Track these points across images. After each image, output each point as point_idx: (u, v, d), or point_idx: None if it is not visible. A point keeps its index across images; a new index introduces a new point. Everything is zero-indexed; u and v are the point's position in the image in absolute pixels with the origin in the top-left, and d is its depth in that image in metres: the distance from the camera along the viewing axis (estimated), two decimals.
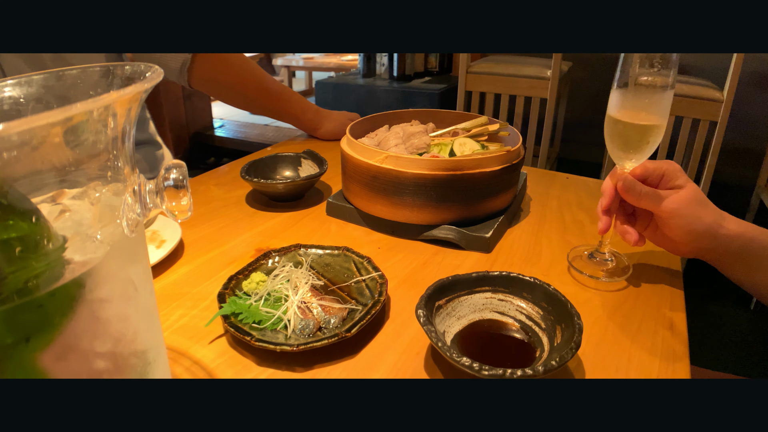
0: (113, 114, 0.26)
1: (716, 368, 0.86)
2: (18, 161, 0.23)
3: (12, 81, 0.32)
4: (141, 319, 0.33)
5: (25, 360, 0.26)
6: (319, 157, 0.86)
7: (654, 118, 0.54)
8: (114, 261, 0.29)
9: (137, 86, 0.26)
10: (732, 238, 0.55)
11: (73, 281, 0.27)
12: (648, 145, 0.56)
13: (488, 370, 0.40)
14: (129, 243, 0.30)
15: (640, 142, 0.56)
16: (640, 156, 0.57)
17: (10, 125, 0.20)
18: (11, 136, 0.21)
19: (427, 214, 0.67)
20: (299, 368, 0.47)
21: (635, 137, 0.56)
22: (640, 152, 0.56)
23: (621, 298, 0.57)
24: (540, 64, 2.05)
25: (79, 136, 0.26)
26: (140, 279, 0.32)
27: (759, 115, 2.46)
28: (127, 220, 0.29)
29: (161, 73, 0.29)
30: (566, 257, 0.65)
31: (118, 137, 0.28)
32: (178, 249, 0.66)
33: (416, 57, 2.73)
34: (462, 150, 0.76)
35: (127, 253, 0.31)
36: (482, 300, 0.52)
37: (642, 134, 0.55)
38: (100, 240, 0.28)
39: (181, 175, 0.29)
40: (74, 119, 0.24)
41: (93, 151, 0.27)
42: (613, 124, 0.56)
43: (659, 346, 0.50)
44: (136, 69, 0.31)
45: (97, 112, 0.25)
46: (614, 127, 0.56)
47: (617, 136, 0.57)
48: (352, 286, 0.56)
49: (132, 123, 0.29)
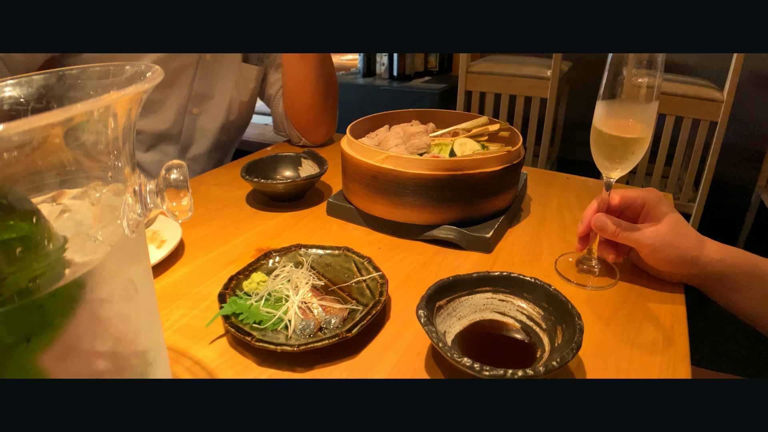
0: (114, 114, 0.26)
1: (716, 368, 0.86)
2: (18, 162, 0.23)
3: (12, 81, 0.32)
4: (141, 320, 0.33)
5: (25, 360, 0.26)
6: (319, 157, 0.86)
7: (638, 130, 0.55)
8: (114, 261, 0.29)
9: (137, 86, 0.26)
10: (713, 264, 0.55)
11: (73, 281, 0.27)
12: (633, 155, 0.56)
13: (489, 370, 0.40)
14: (129, 243, 0.30)
15: (625, 153, 0.56)
16: (625, 166, 0.57)
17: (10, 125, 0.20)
18: (11, 137, 0.21)
19: (428, 214, 0.67)
20: (300, 368, 0.46)
21: (620, 148, 0.56)
22: (625, 162, 0.57)
23: (621, 299, 0.57)
24: (540, 64, 2.05)
25: (79, 136, 0.25)
26: (141, 279, 0.32)
27: (759, 115, 2.46)
28: (128, 221, 0.29)
29: (161, 74, 0.29)
30: (553, 264, 0.64)
31: (118, 137, 0.28)
32: (178, 249, 0.66)
33: (416, 57, 2.73)
34: (462, 150, 0.76)
35: (127, 254, 0.31)
36: (483, 300, 0.52)
37: (627, 145, 0.56)
38: (100, 240, 0.28)
39: (181, 176, 0.29)
40: (75, 119, 0.24)
41: (93, 151, 0.27)
42: (598, 135, 0.57)
43: (659, 346, 0.50)
44: (137, 69, 0.31)
45: (97, 112, 0.25)
46: (599, 138, 0.57)
47: (602, 147, 0.57)
48: (352, 287, 0.56)
49: (133, 123, 0.29)
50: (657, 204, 0.57)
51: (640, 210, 0.59)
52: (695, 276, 0.57)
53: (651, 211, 0.58)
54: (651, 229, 0.56)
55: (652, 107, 0.54)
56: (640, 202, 0.59)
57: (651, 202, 0.58)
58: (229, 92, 1.04)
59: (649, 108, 0.54)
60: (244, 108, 1.09)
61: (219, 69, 1.01)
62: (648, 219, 0.58)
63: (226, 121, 1.06)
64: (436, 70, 2.85)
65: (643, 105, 0.53)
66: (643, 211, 0.59)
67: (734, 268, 0.55)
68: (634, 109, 0.54)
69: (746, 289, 0.56)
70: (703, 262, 0.55)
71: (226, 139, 1.11)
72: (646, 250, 0.56)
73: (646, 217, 0.58)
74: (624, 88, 0.53)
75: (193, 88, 0.99)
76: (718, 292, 0.58)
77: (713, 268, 0.55)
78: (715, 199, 1.96)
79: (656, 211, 0.57)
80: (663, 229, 0.55)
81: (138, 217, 0.30)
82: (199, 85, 1.00)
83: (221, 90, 1.03)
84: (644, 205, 0.59)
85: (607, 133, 0.56)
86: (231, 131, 1.10)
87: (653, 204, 0.58)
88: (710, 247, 0.56)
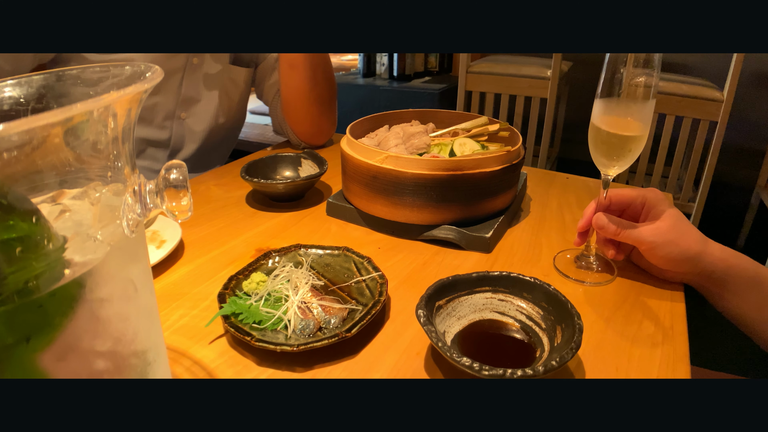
0: (113, 114, 0.26)
1: (716, 368, 0.86)
2: (18, 161, 0.23)
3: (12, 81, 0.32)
4: (141, 319, 0.33)
5: (25, 360, 0.26)
6: (319, 157, 0.86)
7: (636, 128, 0.55)
8: (114, 261, 0.29)
9: (137, 86, 0.26)
10: (715, 264, 0.55)
11: (73, 281, 0.27)
12: (630, 153, 0.56)
13: (488, 370, 0.40)
14: (129, 243, 0.30)
15: (622, 150, 0.56)
16: (623, 163, 0.57)
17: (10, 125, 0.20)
18: (11, 137, 0.21)
19: (427, 214, 0.67)
20: (299, 368, 0.47)
21: (617, 146, 0.56)
22: (623, 159, 0.57)
23: (621, 298, 0.57)
24: (540, 64, 2.05)
25: (79, 136, 0.26)
26: (140, 279, 0.32)
27: (759, 115, 2.46)
28: (127, 221, 0.29)
29: (161, 74, 0.29)
30: (552, 261, 0.65)
31: (118, 138, 0.28)
32: (178, 249, 0.66)
33: (416, 57, 2.73)
34: (462, 150, 0.76)
35: (127, 254, 0.31)
36: (482, 300, 0.52)
37: (624, 143, 0.56)
38: (100, 240, 0.28)
39: (181, 176, 0.29)
40: (74, 119, 0.24)
41: (93, 151, 0.27)
42: (596, 132, 0.57)
43: (659, 346, 0.50)
44: (136, 69, 0.31)
45: (97, 112, 0.25)
46: (597, 136, 0.57)
47: (600, 144, 0.57)
48: (352, 286, 0.56)
49: (132, 123, 0.29)
50: (658, 203, 0.57)
51: (641, 209, 0.59)
52: (697, 275, 0.57)
53: (652, 209, 0.58)
54: (652, 226, 0.56)
55: (649, 105, 0.54)
56: (640, 201, 0.59)
57: (651, 201, 0.58)
58: (217, 95, 1.03)
59: (647, 106, 0.54)
60: (233, 111, 1.08)
61: (206, 72, 1.01)
62: (649, 218, 0.58)
63: (214, 124, 1.05)
64: (436, 70, 2.85)
65: (640, 103, 0.54)
66: (644, 210, 0.59)
67: (736, 271, 0.55)
68: (632, 108, 0.54)
69: (746, 294, 0.55)
70: (706, 261, 0.55)
71: (217, 141, 1.10)
72: (647, 247, 0.56)
73: (647, 216, 0.58)
74: (621, 86, 0.53)
75: (181, 93, 0.99)
76: (718, 295, 0.57)
77: (715, 268, 0.55)
78: (715, 199, 1.96)
79: (657, 210, 0.57)
80: (664, 226, 0.55)
81: (138, 217, 0.30)
82: (186, 89, 0.99)
83: (209, 93, 1.02)
84: (644, 204, 0.59)
85: (605, 130, 0.56)
86: (220, 133, 1.09)
87: (654, 203, 0.58)
88: (713, 247, 0.55)
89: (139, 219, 0.30)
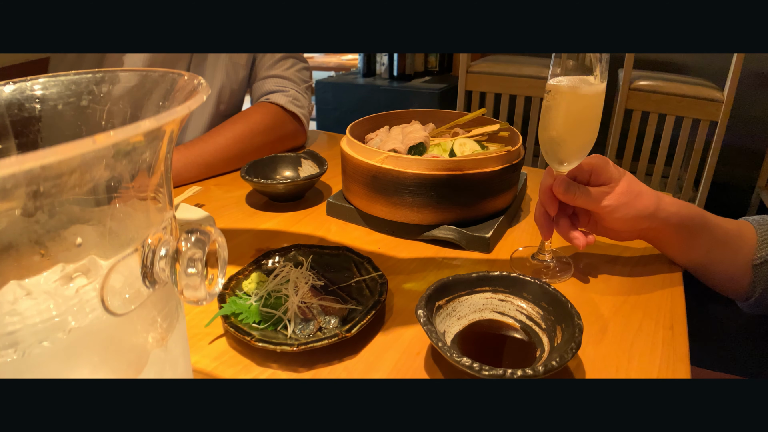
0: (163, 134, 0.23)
1: (716, 368, 0.86)
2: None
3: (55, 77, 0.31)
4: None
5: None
6: (319, 157, 0.86)
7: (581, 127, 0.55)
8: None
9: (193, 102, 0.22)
10: (670, 218, 0.57)
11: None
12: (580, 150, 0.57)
13: (488, 370, 0.40)
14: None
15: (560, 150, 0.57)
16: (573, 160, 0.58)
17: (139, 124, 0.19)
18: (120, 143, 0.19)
19: (427, 214, 0.67)
20: (299, 368, 0.47)
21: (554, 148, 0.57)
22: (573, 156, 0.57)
23: (621, 298, 0.57)
24: (540, 64, 2.05)
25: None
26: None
27: (759, 115, 2.46)
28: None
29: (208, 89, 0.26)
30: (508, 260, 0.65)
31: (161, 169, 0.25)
32: None
33: (416, 57, 2.73)
34: (462, 150, 0.76)
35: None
36: (482, 300, 0.52)
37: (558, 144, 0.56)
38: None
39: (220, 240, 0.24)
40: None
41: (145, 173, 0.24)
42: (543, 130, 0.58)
43: (659, 346, 0.50)
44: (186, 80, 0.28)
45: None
46: (543, 134, 0.58)
47: (547, 143, 0.58)
48: (352, 286, 0.56)
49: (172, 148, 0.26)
50: (605, 167, 0.58)
51: (588, 176, 0.59)
52: (652, 229, 0.59)
53: (601, 175, 0.58)
54: (607, 188, 0.57)
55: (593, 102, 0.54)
56: (586, 168, 0.59)
57: (598, 167, 0.58)
58: (220, 80, 1.03)
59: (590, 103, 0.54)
60: (234, 98, 1.08)
61: (212, 58, 1.01)
62: (600, 182, 0.58)
63: (215, 111, 1.05)
64: (436, 70, 2.86)
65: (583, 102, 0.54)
66: (592, 176, 0.59)
67: (687, 220, 0.58)
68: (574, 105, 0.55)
69: (697, 239, 0.59)
70: (661, 216, 0.57)
71: None
72: (605, 211, 0.57)
73: (597, 181, 0.59)
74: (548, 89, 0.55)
75: None
76: (669, 244, 0.61)
77: (669, 221, 0.57)
78: (715, 199, 1.96)
79: (606, 175, 0.58)
80: (619, 189, 0.57)
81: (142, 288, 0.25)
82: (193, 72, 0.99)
83: (213, 78, 1.02)
84: (591, 172, 0.59)
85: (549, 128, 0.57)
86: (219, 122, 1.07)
87: (601, 169, 0.58)
88: (666, 201, 0.58)
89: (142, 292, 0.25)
